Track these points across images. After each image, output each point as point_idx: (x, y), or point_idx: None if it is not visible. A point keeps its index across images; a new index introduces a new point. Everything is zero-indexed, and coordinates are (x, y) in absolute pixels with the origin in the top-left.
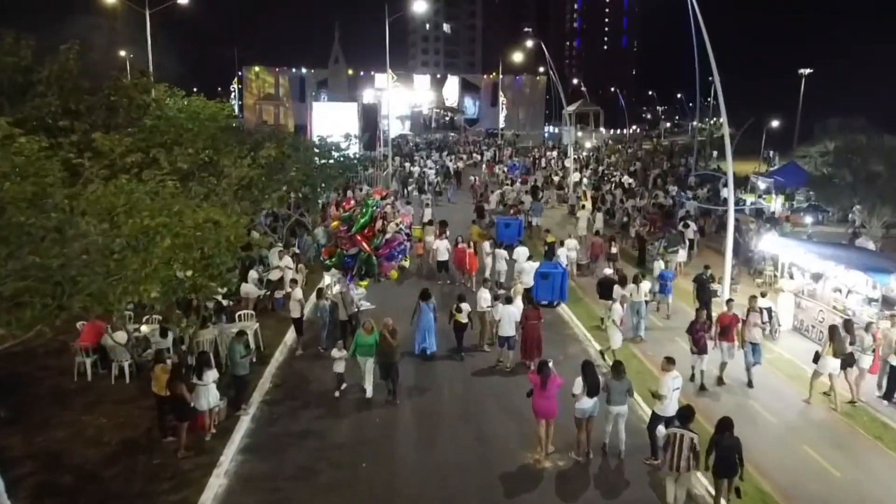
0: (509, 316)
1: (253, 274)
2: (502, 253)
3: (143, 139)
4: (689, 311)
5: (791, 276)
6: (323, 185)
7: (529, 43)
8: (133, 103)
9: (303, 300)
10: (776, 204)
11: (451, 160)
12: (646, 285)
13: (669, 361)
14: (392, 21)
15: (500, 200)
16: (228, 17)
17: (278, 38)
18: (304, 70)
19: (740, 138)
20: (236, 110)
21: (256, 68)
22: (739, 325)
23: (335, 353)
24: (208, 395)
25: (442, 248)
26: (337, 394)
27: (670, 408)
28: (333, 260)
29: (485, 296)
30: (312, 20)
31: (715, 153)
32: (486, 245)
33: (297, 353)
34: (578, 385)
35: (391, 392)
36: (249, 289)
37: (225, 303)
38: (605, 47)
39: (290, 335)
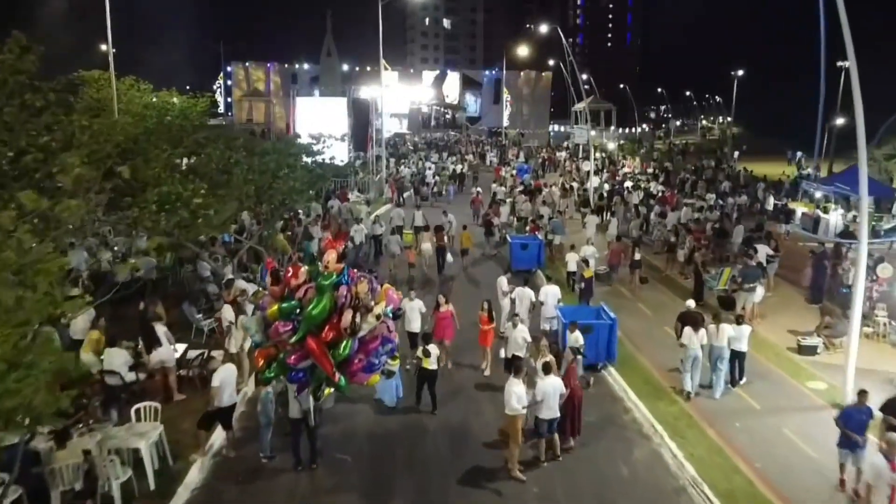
0: (553, 391)
1: (160, 329)
2: (527, 293)
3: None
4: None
5: None
6: (285, 201)
7: (544, 28)
8: (4, 89)
9: (233, 380)
10: (836, 216)
11: (452, 161)
12: (727, 328)
13: None
14: (390, 15)
15: (511, 212)
16: (215, 10)
17: (267, 30)
18: (297, 65)
19: (758, 137)
20: (221, 107)
21: (245, 63)
22: None
23: None
24: None
25: (414, 313)
26: None
27: None
28: (273, 369)
29: (517, 390)
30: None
31: (736, 153)
32: (503, 281)
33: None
34: None
35: None
36: (165, 355)
37: (130, 378)
38: (609, 44)
39: (217, 433)
